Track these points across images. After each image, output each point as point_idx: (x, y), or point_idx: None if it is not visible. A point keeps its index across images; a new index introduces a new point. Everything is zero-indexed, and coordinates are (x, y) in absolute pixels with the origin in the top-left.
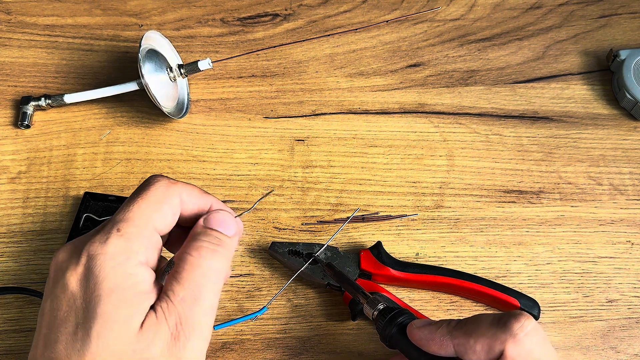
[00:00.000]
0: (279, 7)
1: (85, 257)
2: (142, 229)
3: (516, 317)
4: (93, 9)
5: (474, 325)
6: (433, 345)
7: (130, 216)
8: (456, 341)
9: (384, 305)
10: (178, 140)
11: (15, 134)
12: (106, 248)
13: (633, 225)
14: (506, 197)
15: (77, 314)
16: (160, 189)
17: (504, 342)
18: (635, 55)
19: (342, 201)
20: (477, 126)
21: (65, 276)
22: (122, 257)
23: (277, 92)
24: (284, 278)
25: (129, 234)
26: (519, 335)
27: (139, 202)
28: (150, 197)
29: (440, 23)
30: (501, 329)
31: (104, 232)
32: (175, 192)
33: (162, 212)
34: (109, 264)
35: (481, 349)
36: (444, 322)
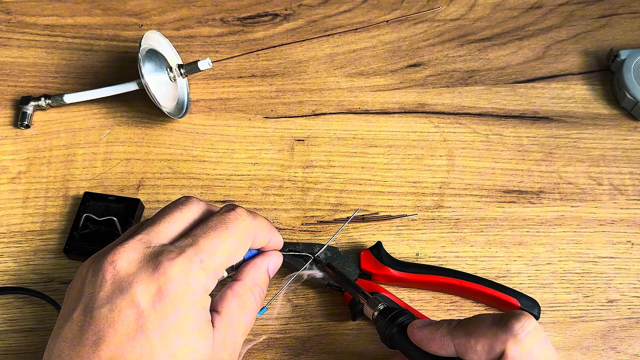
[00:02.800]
0: (279, 7)
1: (161, 277)
2: (219, 267)
3: (517, 317)
4: (93, 9)
5: (475, 325)
6: (434, 345)
7: (214, 250)
8: (457, 341)
9: (384, 306)
10: (178, 140)
11: (15, 134)
12: (189, 279)
13: (633, 225)
14: (506, 197)
15: (152, 337)
16: (245, 229)
17: (504, 342)
18: (635, 55)
19: (342, 201)
20: (477, 126)
21: (134, 291)
22: (200, 293)
23: (277, 92)
24: (284, 278)
25: (209, 269)
26: (520, 335)
27: (224, 237)
28: (234, 234)
29: (441, 23)
30: (502, 328)
31: (186, 259)
32: (254, 230)
33: (240, 253)
34: (190, 298)
35: (482, 349)
36: (445, 322)
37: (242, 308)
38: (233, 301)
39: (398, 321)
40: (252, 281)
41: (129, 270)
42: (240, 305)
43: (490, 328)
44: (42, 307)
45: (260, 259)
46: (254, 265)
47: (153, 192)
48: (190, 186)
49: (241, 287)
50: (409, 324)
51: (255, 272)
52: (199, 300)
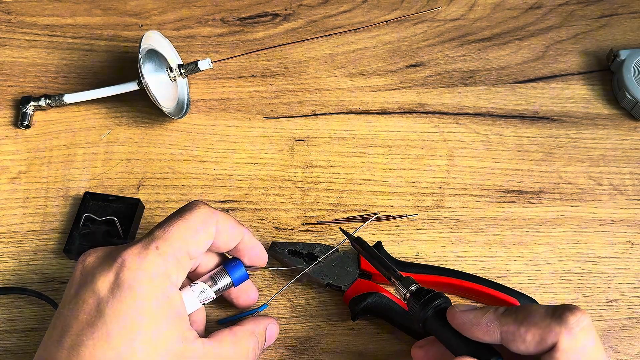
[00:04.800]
0: (279, 7)
1: (118, 266)
2: (178, 251)
3: (572, 311)
4: (93, 9)
5: (526, 314)
6: (477, 331)
7: (169, 236)
8: (505, 328)
9: (417, 287)
10: (178, 140)
11: (15, 134)
12: (144, 264)
13: (633, 225)
14: (506, 197)
15: (109, 322)
16: (200, 216)
17: (558, 334)
18: (635, 55)
19: (342, 201)
20: (477, 126)
21: (95, 281)
22: (160, 279)
23: (277, 92)
24: (284, 278)
25: (167, 254)
26: (575, 329)
27: (179, 224)
28: (190, 222)
29: (440, 23)
30: (556, 320)
31: (142, 246)
32: (213, 220)
33: (198, 239)
34: (148, 282)
35: (532, 339)
36: (491, 308)
37: (234, 345)
38: (226, 335)
39: (434, 304)
40: (250, 329)
41: (94, 264)
42: (233, 342)
43: (544, 319)
44: (42, 307)
45: (261, 317)
46: (255, 319)
47: (153, 192)
48: (191, 186)
49: (238, 329)
50: (446, 307)
51: (254, 323)
52: (158, 286)
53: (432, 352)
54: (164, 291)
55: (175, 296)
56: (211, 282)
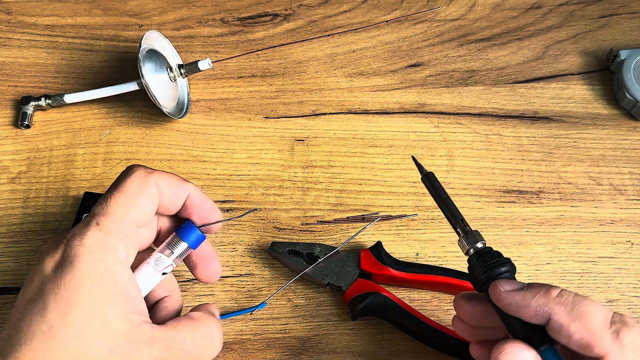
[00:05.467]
0: (279, 7)
1: (63, 246)
2: (120, 223)
3: (630, 329)
4: (93, 9)
5: (582, 312)
6: (525, 313)
7: (109, 210)
8: (555, 318)
9: (483, 245)
10: (178, 140)
11: (15, 134)
12: (85, 240)
13: (633, 225)
14: (506, 197)
15: (47, 297)
16: (136, 180)
17: (609, 351)
18: (635, 55)
19: (342, 201)
20: (477, 126)
21: (43, 262)
22: (101, 253)
23: (277, 92)
24: (284, 278)
25: (108, 228)
26: (627, 350)
27: (116, 196)
28: (127, 190)
29: (440, 23)
30: (613, 335)
31: (83, 225)
32: (151, 182)
33: (139, 204)
34: (89, 257)
35: (579, 341)
36: (541, 289)
37: (191, 328)
38: (183, 320)
39: (498, 271)
40: (210, 309)
41: (47, 247)
42: (189, 325)
43: (601, 327)
44: None
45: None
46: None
47: None
48: None
49: (195, 312)
50: (510, 277)
51: (214, 307)
52: (99, 261)
53: (480, 309)
54: (105, 266)
55: (121, 272)
56: (168, 250)
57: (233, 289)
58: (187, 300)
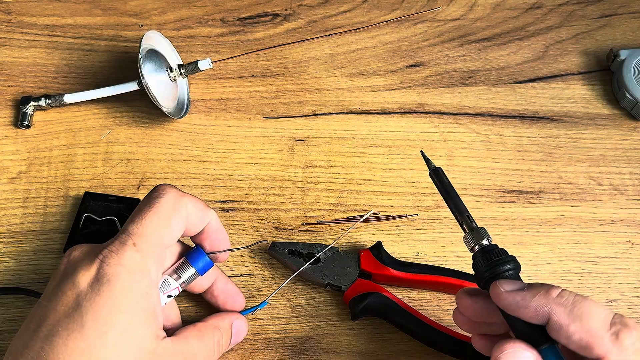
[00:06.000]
0: (279, 7)
1: (99, 262)
2: (155, 247)
3: (630, 330)
4: (93, 9)
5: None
6: (525, 314)
7: (144, 231)
8: (555, 318)
9: (488, 242)
10: (178, 140)
11: (15, 134)
12: (123, 260)
13: (633, 225)
14: (506, 197)
15: (85, 314)
16: (170, 202)
17: (608, 352)
18: (635, 55)
19: (342, 201)
20: (477, 126)
21: (76, 275)
22: (138, 275)
23: (277, 92)
24: (284, 278)
25: (144, 251)
26: (628, 352)
27: (151, 217)
28: (161, 211)
29: (440, 23)
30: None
31: (120, 243)
32: (183, 205)
33: (171, 227)
34: (127, 278)
35: (578, 342)
36: (542, 289)
37: (199, 340)
38: (191, 331)
39: (502, 269)
40: (213, 323)
41: (78, 258)
42: (198, 337)
43: (600, 328)
44: None
45: (228, 313)
46: (220, 314)
47: None
48: (190, 186)
49: (202, 324)
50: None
51: (218, 318)
52: (136, 283)
53: (481, 305)
54: (141, 287)
55: (153, 293)
56: (176, 274)
57: None
58: (187, 301)
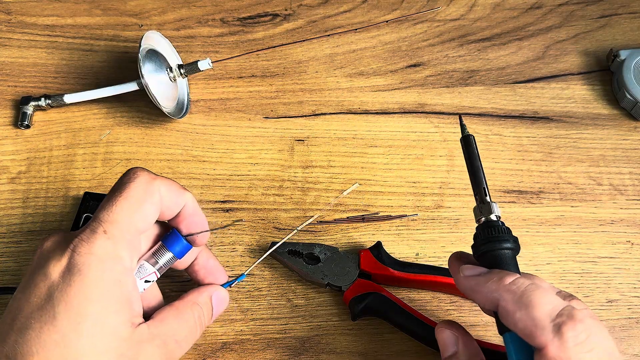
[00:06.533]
0: (279, 7)
1: (70, 251)
2: (126, 233)
3: (574, 322)
4: (93, 9)
5: (530, 301)
6: (478, 299)
7: (115, 217)
8: (503, 304)
9: (496, 218)
10: (178, 140)
11: (15, 134)
12: (94, 249)
13: (633, 225)
14: (506, 197)
15: (57, 305)
16: (141, 186)
17: (548, 342)
18: (635, 55)
19: (342, 201)
20: (477, 126)
21: (47, 265)
22: (110, 263)
23: (277, 92)
24: (284, 278)
25: (116, 238)
26: (569, 344)
27: (121, 202)
28: (131, 196)
29: (440, 23)
30: (554, 327)
31: (90, 231)
32: (155, 189)
33: (144, 212)
34: (98, 267)
35: (523, 330)
36: (496, 276)
37: (177, 319)
38: (169, 311)
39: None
40: (191, 299)
41: (50, 248)
42: (175, 316)
43: (543, 318)
44: None
45: (206, 286)
46: (198, 288)
47: None
48: (191, 186)
49: (179, 302)
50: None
51: (197, 292)
52: (108, 271)
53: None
54: (114, 276)
55: (127, 280)
56: (152, 259)
57: (233, 289)
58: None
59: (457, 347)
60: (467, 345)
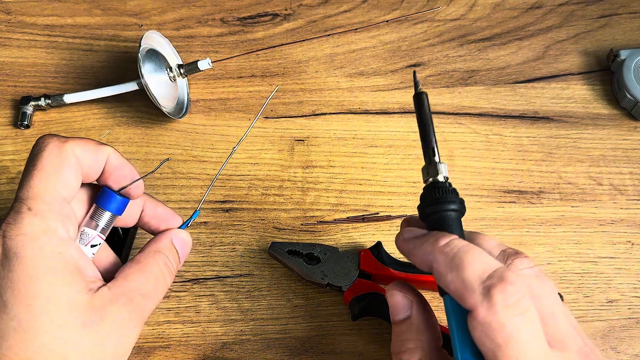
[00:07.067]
0: (279, 7)
1: (1, 238)
2: (52, 204)
3: (504, 284)
4: (93, 9)
5: (461, 262)
6: (414, 260)
7: (36, 192)
8: (435, 266)
9: (444, 179)
10: (178, 140)
11: (15, 134)
12: (23, 229)
13: (633, 225)
14: (506, 197)
15: (4, 293)
16: (52, 153)
17: (477, 305)
18: (635, 55)
19: (342, 201)
20: (477, 126)
21: None
22: (44, 238)
23: (277, 92)
24: (284, 278)
25: (42, 212)
26: (497, 307)
27: (37, 175)
28: (46, 165)
29: (440, 23)
30: (484, 290)
31: (15, 212)
32: (68, 151)
33: (64, 179)
34: (33, 245)
35: (454, 292)
36: (432, 238)
37: (141, 272)
38: (131, 267)
39: (442, 208)
40: (152, 249)
41: None
42: (138, 270)
43: (473, 280)
44: None
45: (164, 232)
46: (155, 238)
47: (153, 192)
48: (190, 186)
49: (140, 255)
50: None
51: (155, 242)
52: (44, 246)
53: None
54: (52, 249)
55: (68, 250)
56: (93, 222)
57: (233, 289)
58: (186, 301)
59: (410, 311)
60: (422, 310)
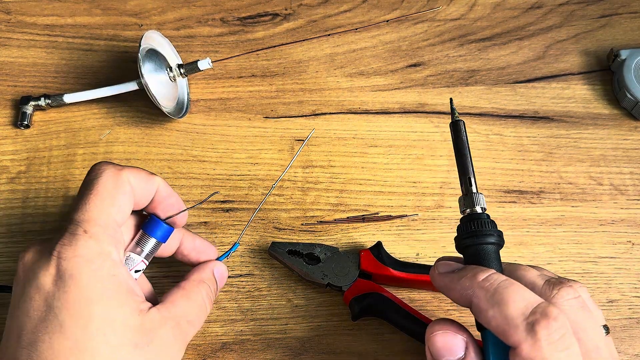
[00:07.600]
0: (279, 6)
1: (55, 258)
2: (106, 228)
3: (548, 320)
4: (93, 8)
5: (503, 298)
6: (452, 296)
7: (91, 216)
8: (475, 301)
9: (481, 210)
10: (178, 140)
11: (15, 134)
12: (79, 251)
13: (634, 225)
14: (507, 197)
15: (60, 314)
16: (110, 180)
17: (521, 341)
18: (635, 55)
19: (342, 201)
20: (478, 126)
21: (37, 277)
22: (99, 261)
23: (277, 92)
24: (284, 278)
25: (97, 235)
26: (542, 342)
27: (94, 199)
28: (102, 191)
29: (441, 23)
30: (528, 325)
31: (70, 234)
32: (124, 179)
33: (118, 205)
34: (89, 267)
35: (496, 329)
36: (469, 273)
37: (187, 299)
38: (177, 292)
39: (480, 241)
40: (197, 278)
41: (33, 259)
42: (185, 297)
43: (516, 316)
44: None
45: (205, 263)
46: (198, 267)
47: None
48: (190, 186)
49: (186, 282)
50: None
51: (199, 271)
52: (99, 269)
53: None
54: (106, 271)
55: (120, 272)
56: (138, 248)
57: (233, 289)
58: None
59: (463, 352)
60: (478, 352)
